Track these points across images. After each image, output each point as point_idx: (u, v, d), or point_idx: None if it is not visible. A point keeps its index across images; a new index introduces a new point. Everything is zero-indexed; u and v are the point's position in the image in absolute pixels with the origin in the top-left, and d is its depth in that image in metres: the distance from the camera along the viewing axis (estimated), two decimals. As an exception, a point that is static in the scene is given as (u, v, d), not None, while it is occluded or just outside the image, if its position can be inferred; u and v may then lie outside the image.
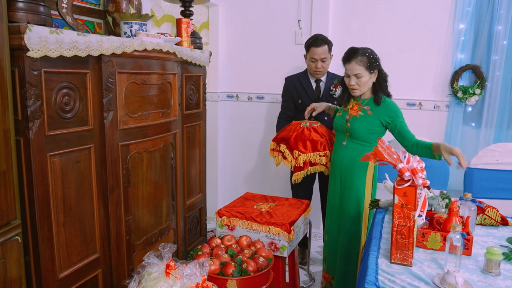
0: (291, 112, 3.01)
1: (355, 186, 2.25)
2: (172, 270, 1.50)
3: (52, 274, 1.53)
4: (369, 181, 2.25)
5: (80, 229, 1.67)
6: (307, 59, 2.90)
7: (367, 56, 2.18)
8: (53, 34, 1.41)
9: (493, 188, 2.31)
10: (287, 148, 2.55)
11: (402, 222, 1.42)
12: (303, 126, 2.55)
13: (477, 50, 3.09)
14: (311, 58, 2.84)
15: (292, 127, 2.60)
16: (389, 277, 1.36)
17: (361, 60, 2.18)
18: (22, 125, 1.39)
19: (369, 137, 2.22)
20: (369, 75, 2.20)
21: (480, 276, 1.39)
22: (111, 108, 1.73)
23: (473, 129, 3.16)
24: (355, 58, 2.18)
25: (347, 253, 2.30)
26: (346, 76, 2.23)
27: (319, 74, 2.88)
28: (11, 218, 1.33)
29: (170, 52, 2.04)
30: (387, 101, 2.24)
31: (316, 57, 2.80)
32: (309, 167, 2.52)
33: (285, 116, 3.02)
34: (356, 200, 2.26)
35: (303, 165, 2.51)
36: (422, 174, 1.43)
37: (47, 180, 1.48)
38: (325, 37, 2.84)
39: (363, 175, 2.24)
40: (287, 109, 3.02)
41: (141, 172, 1.97)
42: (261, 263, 1.88)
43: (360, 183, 2.25)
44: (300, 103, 2.93)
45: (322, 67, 2.83)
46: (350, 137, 2.27)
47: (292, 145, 2.52)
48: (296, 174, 2.54)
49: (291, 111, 3.01)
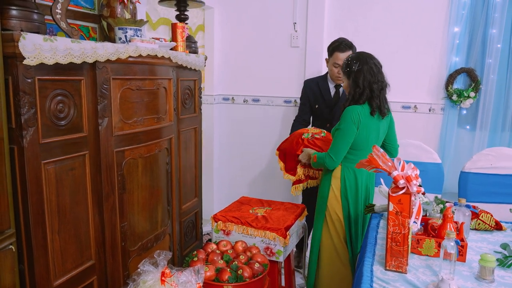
0: (307, 116, 3.00)
1: (322, 197, 2.27)
2: (168, 278, 1.50)
3: (46, 282, 1.53)
4: (334, 193, 2.21)
5: (75, 236, 1.66)
6: (329, 63, 2.84)
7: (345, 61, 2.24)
8: (47, 41, 1.40)
9: (488, 192, 2.33)
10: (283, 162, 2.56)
11: (397, 230, 1.43)
12: (305, 138, 2.48)
13: (472, 53, 3.11)
14: (334, 63, 2.76)
15: (294, 138, 2.53)
16: (384, 284, 1.36)
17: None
18: (16, 133, 1.38)
19: None
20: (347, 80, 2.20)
21: (474, 283, 1.40)
22: (105, 114, 1.73)
23: (467, 132, 3.18)
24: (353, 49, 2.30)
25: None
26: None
27: (341, 80, 2.79)
28: (5, 227, 1.32)
29: (165, 57, 2.03)
30: (346, 110, 2.13)
31: (339, 63, 2.72)
32: (309, 180, 2.51)
33: (301, 120, 3.00)
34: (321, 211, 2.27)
35: (304, 178, 2.50)
36: (416, 182, 1.43)
37: (41, 188, 1.47)
38: (350, 42, 2.78)
39: (327, 187, 2.23)
40: (303, 113, 3.01)
41: (136, 178, 1.97)
42: (257, 268, 1.88)
43: (324, 194, 2.25)
44: (316, 108, 2.91)
45: None
46: None
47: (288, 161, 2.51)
48: (295, 187, 2.51)
49: (307, 115, 2.99)
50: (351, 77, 2.14)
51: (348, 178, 2.19)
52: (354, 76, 2.13)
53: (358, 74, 2.12)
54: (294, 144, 2.46)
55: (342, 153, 2.12)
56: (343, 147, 2.11)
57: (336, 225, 2.22)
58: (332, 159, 2.12)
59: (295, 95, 3.62)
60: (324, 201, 2.24)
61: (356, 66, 2.13)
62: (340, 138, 2.10)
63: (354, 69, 2.13)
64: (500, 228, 1.89)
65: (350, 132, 2.08)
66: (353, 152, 2.14)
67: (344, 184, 2.19)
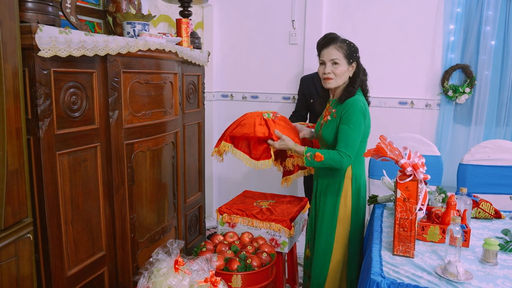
0: (303, 111, 3.06)
1: (329, 204, 2.03)
2: (181, 266, 1.52)
3: (61, 272, 1.55)
4: (344, 198, 2.00)
5: (87, 227, 1.68)
6: None
7: (347, 44, 1.96)
8: (62, 34, 1.42)
9: (486, 183, 2.39)
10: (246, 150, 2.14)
11: (404, 216, 1.48)
12: (267, 118, 2.13)
13: (467, 50, 3.19)
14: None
15: (252, 120, 2.12)
16: (393, 268, 1.41)
17: (340, 47, 1.94)
18: (32, 124, 1.40)
19: None
20: (346, 66, 1.95)
21: (479, 266, 1.46)
22: (116, 107, 1.75)
23: (463, 126, 3.25)
24: (334, 43, 1.94)
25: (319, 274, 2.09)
26: (321, 63, 1.99)
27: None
28: (23, 216, 1.34)
29: (172, 52, 2.07)
30: (351, 102, 1.92)
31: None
32: (299, 171, 2.38)
33: (298, 115, 3.06)
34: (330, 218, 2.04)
35: (293, 168, 2.33)
36: (423, 169, 1.49)
37: (56, 178, 1.50)
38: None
39: (337, 193, 2.01)
40: (300, 108, 3.08)
41: (145, 170, 1.99)
42: (265, 258, 1.92)
43: (333, 201, 2.02)
44: (311, 102, 2.96)
45: None
46: (324, 147, 2.06)
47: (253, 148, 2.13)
48: (285, 179, 2.41)
49: (304, 110, 3.05)
50: (355, 61, 1.97)
51: (360, 175, 2.02)
52: (359, 61, 1.99)
53: (359, 60, 1.99)
54: (256, 127, 2.08)
55: (356, 149, 1.91)
56: (357, 143, 1.90)
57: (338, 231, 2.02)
58: (350, 157, 1.88)
59: (293, 92, 3.67)
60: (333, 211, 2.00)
61: (358, 51, 1.98)
62: (353, 133, 1.87)
63: (358, 55, 1.98)
64: (499, 217, 1.96)
65: (361, 126, 1.90)
66: (361, 145, 1.97)
67: (355, 183, 1.99)
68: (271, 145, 2.07)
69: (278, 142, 2.04)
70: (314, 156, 1.92)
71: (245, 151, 2.10)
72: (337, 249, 2.02)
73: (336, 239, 2.01)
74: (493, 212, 1.94)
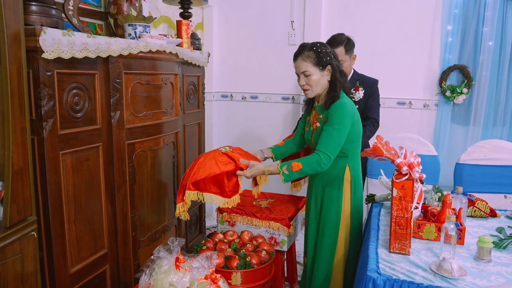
0: None
1: (333, 204, 2.00)
2: (182, 263, 1.56)
3: (64, 269, 1.58)
4: (347, 196, 1.98)
5: (89, 225, 1.71)
6: None
7: (314, 51, 1.89)
8: (66, 36, 1.45)
9: (482, 182, 2.42)
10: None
11: (400, 214, 1.51)
12: (225, 151, 1.99)
13: (464, 50, 3.22)
14: None
15: (212, 160, 1.93)
16: (389, 265, 1.45)
17: (307, 56, 1.89)
18: (36, 125, 1.44)
19: None
20: (319, 73, 1.89)
21: (473, 263, 1.49)
22: (118, 107, 1.79)
23: (461, 127, 3.28)
24: (302, 54, 1.90)
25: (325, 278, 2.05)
26: (297, 75, 1.97)
27: None
28: (27, 214, 1.37)
29: (172, 53, 2.10)
30: (337, 105, 1.88)
31: None
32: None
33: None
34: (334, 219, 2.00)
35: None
36: (418, 168, 1.52)
37: (59, 177, 1.53)
38: (340, 38, 2.61)
39: (340, 191, 1.98)
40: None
41: (146, 170, 2.03)
42: (264, 256, 1.95)
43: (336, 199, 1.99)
44: None
45: None
46: None
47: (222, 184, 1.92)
48: (294, 184, 2.42)
49: None
50: (328, 65, 1.90)
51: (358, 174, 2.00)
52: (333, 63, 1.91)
53: (333, 61, 1.91)
54: (220, 163, 1.91)
55: (337, 151, 1.88)
56: (339, 145, 1.87)
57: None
58: (329, 157, 1.84)
59: (292, 92, 3.71)
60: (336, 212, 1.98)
61: (330, 52, 1.91)
62: (337, 134, 1.84)
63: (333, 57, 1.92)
64: (494, 215, 1.99)
65: (346, 128, 1.86)
66: (355, 145, 1.97)
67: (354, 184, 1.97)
68: (242, 175, 1.92)
69: (249, 170, 1.91)
70: (291, 167, 1.84)
71: (215, 192, 1.91)
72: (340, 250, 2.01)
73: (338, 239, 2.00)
74: (489, 211, 1.97)
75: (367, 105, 2.60)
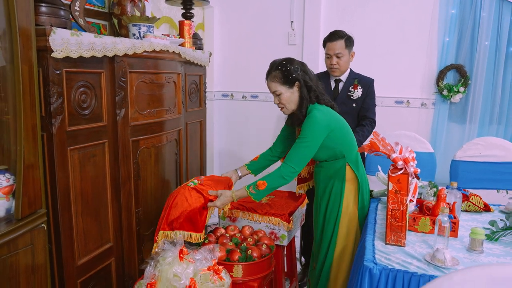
0: None
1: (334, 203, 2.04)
2: (185, 255, 1.62)
3: (71, 261, 1.64)
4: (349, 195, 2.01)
5: (96, 219, 1.77)
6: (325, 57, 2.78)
7: (280, 70, 1.92)
8: (74, 36, 1.51)
9: (477, 179, 2.49)
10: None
11: (396, 207, 1.57)
12: (194, 185, 2.00)
13: (461, 50, 3.28)
14: (326, 53, 2.68)
15: (183, 197, 1.93)
16: (385, 255, 1.50)
17: (274, 76, 1.93)
18: (45, 121, 1.49)
19: (327, 154, 1.99)
20: (289, 91, 1.93)
21: (466, 254, 1.55)
22: (123, 105, 1.84)
23: (458, 125, 3.35)
24: (270, 74, 1.95)
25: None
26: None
27: (335, 71, 2.67)
28: (37, 207, 1.43)
29: (175, 53, 2.16)
30: (308, 118, 1.91)
31: (330, 53, 2.63)
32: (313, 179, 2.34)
33: None
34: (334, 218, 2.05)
35: (308, 176, 2.39)
36: (413, 163, 1.58)
37: (68, 173, 1.59)
38: (342, 32, 2.64)
39: (341, 190, 2.01)
40: None
41: (150, 166, 2.08)
42: (264, 250, 2.01)
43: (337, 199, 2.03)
44: None
45: (338, 63, 2.62)
46: (316, 163, 2.13)
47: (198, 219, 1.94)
48: (300, 186, 2.45)
49: None
50: (295, 81, 1.92)
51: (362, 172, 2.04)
52: (300, 79, 1.92)
53: (300, 77, 1.93)
54: (189, 199, 1.93)
55: (305, 163, 1.90)
56: (306, 158, 1.90)
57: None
58: (294, 169, 1.87)
59: (292, 91, 3.76)
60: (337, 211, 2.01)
61: (298, 68, 1.93)
62: (305, 148, 1.87)
63: (301, 72, 1.93)
64: (488, 210, 2.04)
65: (318, 140, 1.89)
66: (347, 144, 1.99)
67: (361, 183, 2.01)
68: (212, 206, 1.95)
69: (218, 200, 1.94)
70: (257, 186, 1.90)
71: (189, 229, 1.91)
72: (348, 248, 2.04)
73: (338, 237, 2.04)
74: (483, 205, 2.03)
75: (364, 105, 2.66)
